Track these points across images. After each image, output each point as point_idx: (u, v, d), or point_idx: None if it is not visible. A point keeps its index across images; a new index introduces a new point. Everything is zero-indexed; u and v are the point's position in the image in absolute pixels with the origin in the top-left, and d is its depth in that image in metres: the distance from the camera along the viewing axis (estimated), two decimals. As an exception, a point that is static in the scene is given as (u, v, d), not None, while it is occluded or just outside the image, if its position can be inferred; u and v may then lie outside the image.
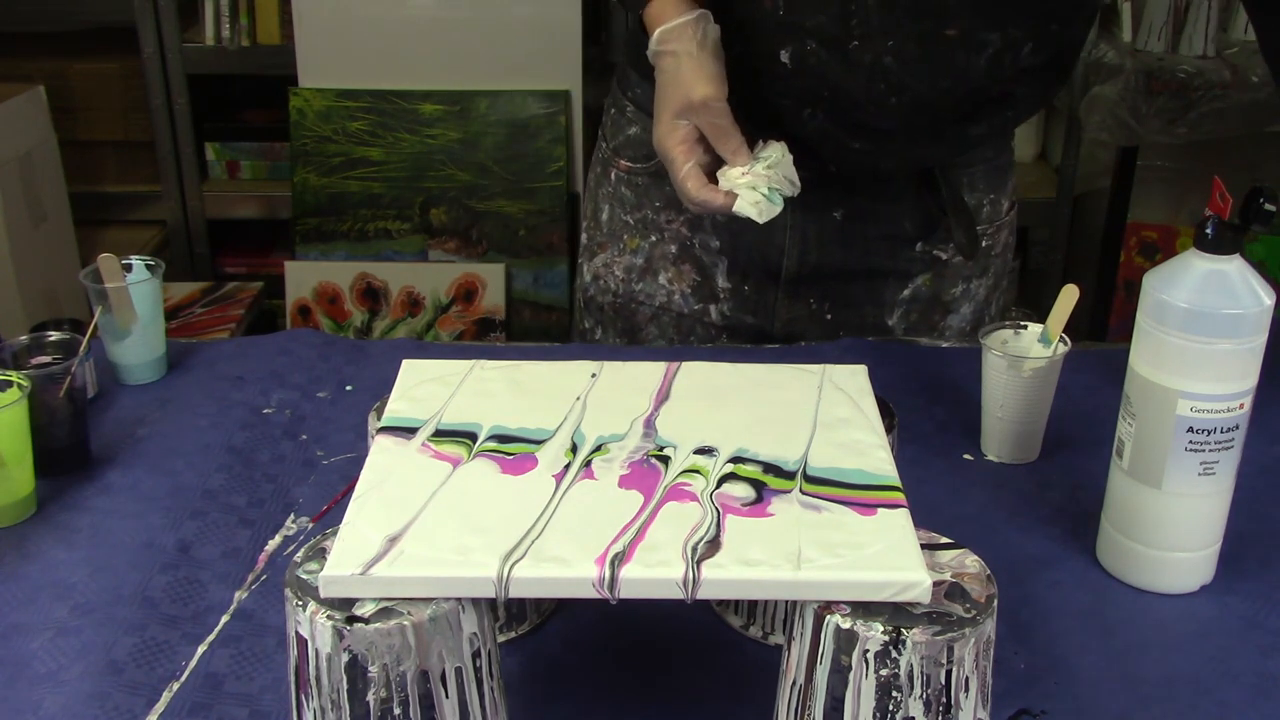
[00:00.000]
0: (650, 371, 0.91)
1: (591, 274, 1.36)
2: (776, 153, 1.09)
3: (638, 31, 1.14)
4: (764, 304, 1.30)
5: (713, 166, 1.09)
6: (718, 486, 0.77)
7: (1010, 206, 1.33)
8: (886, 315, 1.30)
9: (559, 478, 0.78)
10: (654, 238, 1.31)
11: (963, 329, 1.33)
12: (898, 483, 0.78)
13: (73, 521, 1.00)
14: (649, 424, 0.84)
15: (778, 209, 1.07)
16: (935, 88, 1.11)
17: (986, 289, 1.33)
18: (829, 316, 1.29)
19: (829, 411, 0.86)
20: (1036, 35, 1.10)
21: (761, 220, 1.07)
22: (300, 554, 0.73)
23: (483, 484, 0.77)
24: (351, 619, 0.67)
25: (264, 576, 0.95)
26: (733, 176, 1.08)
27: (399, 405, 0.86)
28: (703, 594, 0.69)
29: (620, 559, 0.70)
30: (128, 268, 1.20)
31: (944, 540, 0.76)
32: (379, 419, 0.87)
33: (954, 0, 1.06)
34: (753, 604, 0.88)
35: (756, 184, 1.07)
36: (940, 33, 1.07)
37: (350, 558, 0.70)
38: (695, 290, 1.31)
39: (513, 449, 0.81)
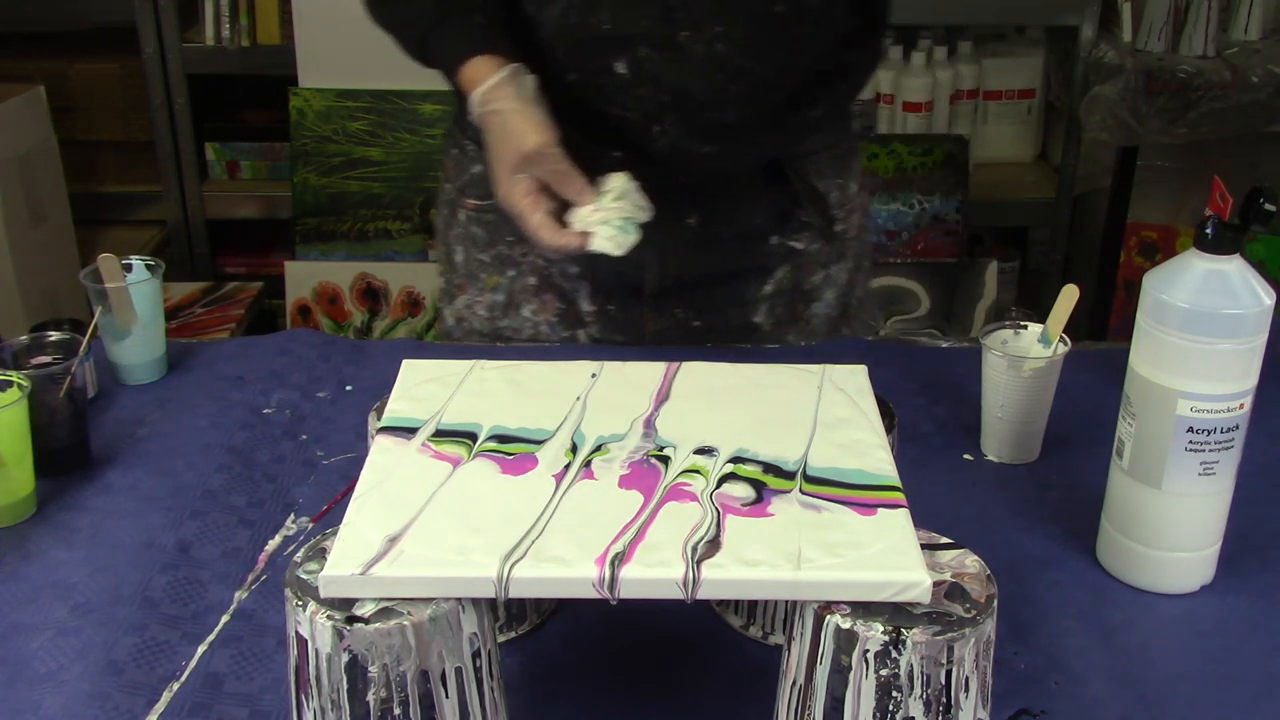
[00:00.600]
0: (650, 371, 0.91)
1: (455, 317, 1.36)
2: (620, 182, 1.11)
3: None
4: (631, 321, 1.30)
5: (562, 210, 1.12)
6: (718, 486, 0.77)
7: (859, 189, 1.34)
8: (752, 313, 1.30)
9: (559, 478, 0.78)
10: (512, 272, 1.30)
11: (830, 315, 1.33)
12: (898, 483, 0.78)
13: (73, 521, 1.00)
14: (649, 424, 0.84)
15: (634, 238, 1.10)
16: (772, 66, 1.13)
17: (848, 273, 1.33)
18: (696, 323, 1.29)
19: (829, 411, 0.86)
20: None
21: (620, 253, 1.10)
22: (300, 554, 0.73)
23: (483, 484, 0.77)
24: (351, 619, 0.67)
25: (264, 576, 0.95)
26: (584, 216, 1.10)
27: (399, 405, 0.86)
28: (703, 594, 0.69)
29: (620, 559, 0.70)
30: (128, 268, 1.20)
31: (944, 540, 0.76)
32: (379, 419, 0.87)
33: None
34: (753, 604, 0.88)
35: (608, 219, 1.09)
36: (769, 11, 1.10)
37: (350, 558, 0.70)
38: (561, 318, 1.31)
39: (513, 449, 0.81)
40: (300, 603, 0.69)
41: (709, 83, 1.12)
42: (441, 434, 0.83)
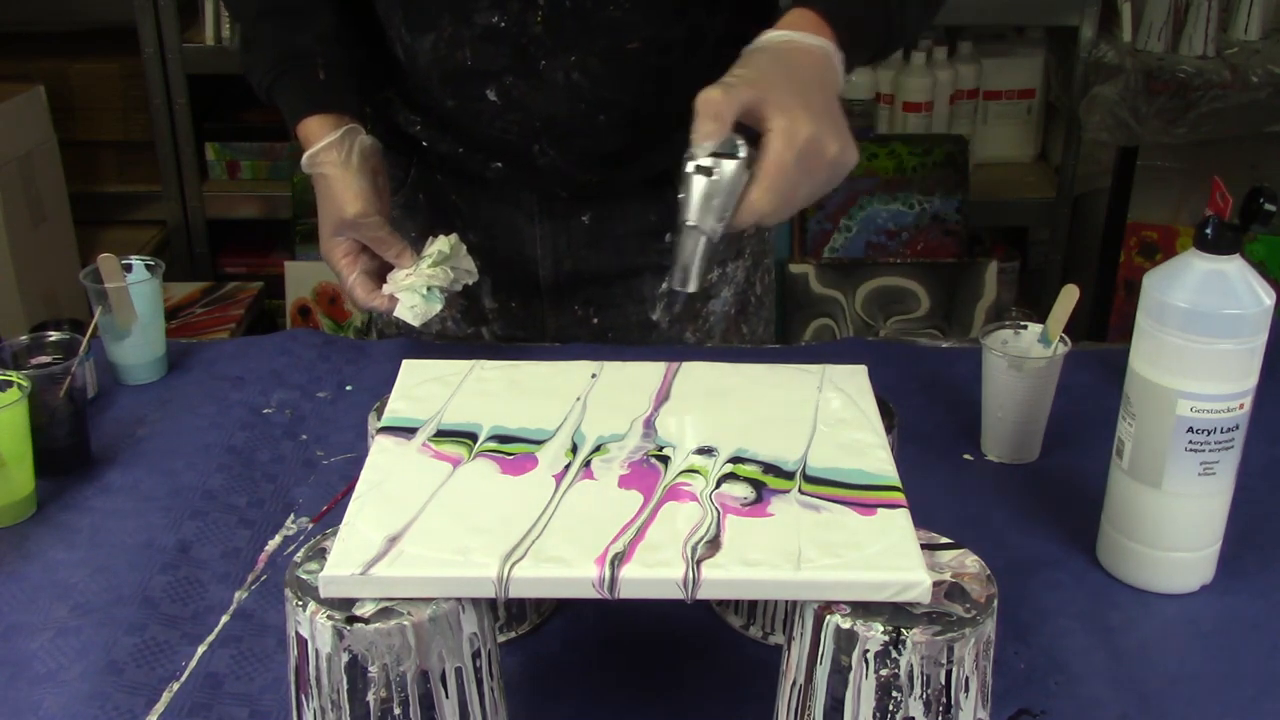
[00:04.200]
0: (650, 372, 0.91)
1: (366, 314, 1.36)
2: (444, 246, 1.15)
3: None
4: (533, 318, 1.31)
5: (387, 266, 1.16)
6: (717, 486, 0.77)
7: None
8: (649, 310, 1.30)
9: (559, 478, 0.78)
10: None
11: (727, 313, 1.33)
12: (898, 483, 0.78)
13: (73, 521, 1.00)
14: (649, 424, 0.84)
15: (437, 307, 1.14)
16: (639, 98, 1.14)
17: (745, 270, 1.33)
18: (595, 320, 1.30)
19: (829, 411, 0.86)
20: (720, 8, 1.12)
21: (417, 324, 1.14)
22: (300, 554, 0.73)
23: (483, 484, 0.77)
24: (351, 619, 0.67)
25: (264, 576, 0.95)
26: (398, 279, 1.15)
27: (399, 405, 0.86)
28: (703, 594, 0.69)
29: (620, 559, 0.70)
30: (128, 268, 1.20)
31: (944, 540, 0.76)
32: (379, 419, 0.87)
33: (622, 14, 1.08)
34: (753, 604, 0.88)
35: (415, 285, 1.14)
36: (622, 47, 1.10)
37: (350, 558, 0.70)
38: (465, 314, 1.32)
39: (513, 449, 0.81)
40: (300, 603, 0.69)
41: (574, 111, 1.13)
42: (442, 434, 0.83)
